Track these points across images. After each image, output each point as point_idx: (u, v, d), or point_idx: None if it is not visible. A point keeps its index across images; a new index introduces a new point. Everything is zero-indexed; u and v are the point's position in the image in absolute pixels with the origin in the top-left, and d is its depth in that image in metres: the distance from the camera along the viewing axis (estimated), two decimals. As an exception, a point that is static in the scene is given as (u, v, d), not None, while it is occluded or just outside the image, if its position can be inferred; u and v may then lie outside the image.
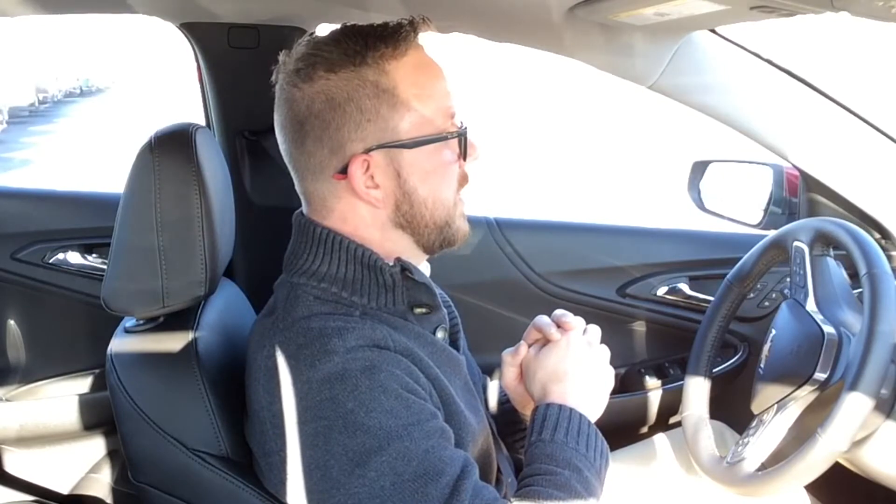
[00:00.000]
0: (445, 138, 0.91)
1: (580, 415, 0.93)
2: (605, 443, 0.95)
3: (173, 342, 0.99)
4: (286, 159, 0.93)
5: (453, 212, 0.94)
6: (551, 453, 0.89)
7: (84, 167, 8.94)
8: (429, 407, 0.86)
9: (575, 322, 1.02)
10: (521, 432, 1.11)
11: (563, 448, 0.89)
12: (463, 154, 0.93)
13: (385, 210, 0.91)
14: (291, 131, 0.90)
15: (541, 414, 0.93)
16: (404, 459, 0.80)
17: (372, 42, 0.88)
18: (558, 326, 1.02)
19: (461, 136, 0.93)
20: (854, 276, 1.45)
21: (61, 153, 10.72)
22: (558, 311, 1.03)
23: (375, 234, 0.92)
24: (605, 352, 1.01)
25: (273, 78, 0.93)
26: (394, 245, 0.93)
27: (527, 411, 1.08)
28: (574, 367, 0.97)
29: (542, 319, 1.03)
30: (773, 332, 1.19)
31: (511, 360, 1.06)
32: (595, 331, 1.03)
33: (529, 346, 1.04)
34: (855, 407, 0.97)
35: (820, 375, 1.06)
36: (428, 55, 0.92)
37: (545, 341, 1.02)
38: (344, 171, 0.89)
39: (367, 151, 0.88)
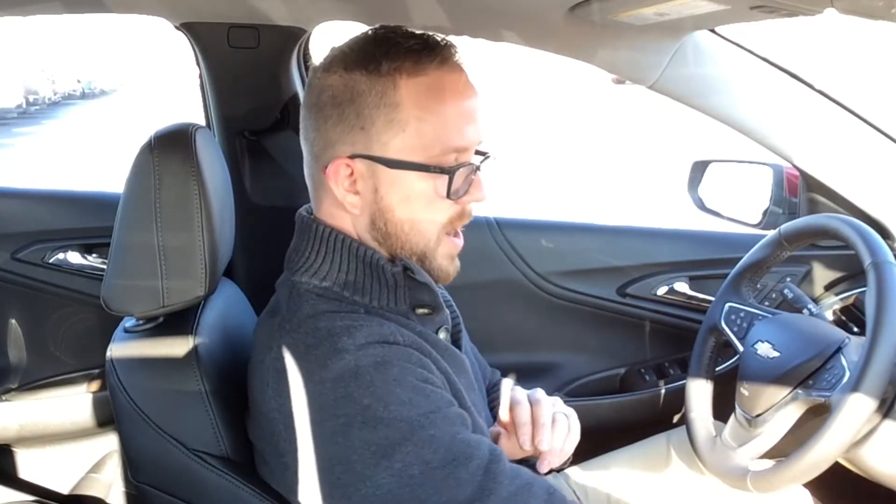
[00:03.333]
0: (428, 170, 0.87)
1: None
2: None
3: (173, 342, 0.99)
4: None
5: (434, 246, 0.91)
6: None
7: (51, 169, 8.82)
8: (446, 395, 0.86)
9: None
10: None
11: None
12: (448, 193, 0.88)
13: (362, 218, 0.91)
14: (305, 114, 0.92)
15: None
16: (430, 447, 0.80)
17: (393, 52, 0.86)
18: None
19: (450, 174, 0.87)
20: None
21: (33, 155, 10.54)
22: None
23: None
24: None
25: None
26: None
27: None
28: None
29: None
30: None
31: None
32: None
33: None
34: (858, 404, 0.97)
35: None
36: (454, 82, 0.88)
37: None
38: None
39: (352, 157, 0.88)
